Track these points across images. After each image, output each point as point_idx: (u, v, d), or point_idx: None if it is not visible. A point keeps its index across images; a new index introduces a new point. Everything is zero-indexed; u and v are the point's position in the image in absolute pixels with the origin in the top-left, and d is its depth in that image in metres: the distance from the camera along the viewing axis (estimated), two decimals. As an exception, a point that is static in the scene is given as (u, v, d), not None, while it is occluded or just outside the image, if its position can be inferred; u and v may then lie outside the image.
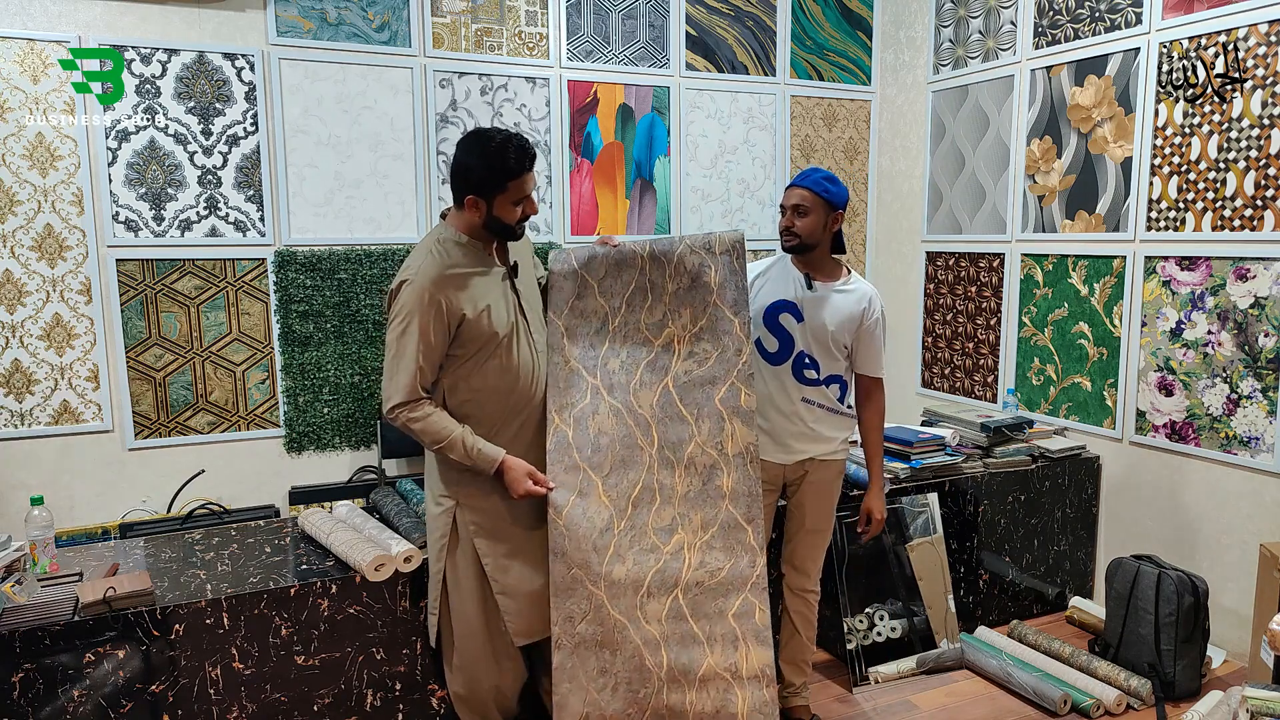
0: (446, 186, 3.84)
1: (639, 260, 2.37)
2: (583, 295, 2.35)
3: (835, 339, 2.51)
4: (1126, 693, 2.87)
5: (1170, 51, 3.26)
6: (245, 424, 3.63)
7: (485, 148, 2.14)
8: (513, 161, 2.13)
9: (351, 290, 3.70)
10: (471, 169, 2.15)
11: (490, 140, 2.14)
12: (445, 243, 2.21)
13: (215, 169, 3.49)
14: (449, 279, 2.15)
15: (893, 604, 3.13)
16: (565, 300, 2.36)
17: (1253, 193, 3.04)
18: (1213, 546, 3.22)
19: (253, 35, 3.48)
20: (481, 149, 2.14)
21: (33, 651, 2.03)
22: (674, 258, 2.35)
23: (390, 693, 2.42)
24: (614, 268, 2.37)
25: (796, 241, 2.50)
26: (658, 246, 2.37)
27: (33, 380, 3.32)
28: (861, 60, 4.64)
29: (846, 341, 2.54)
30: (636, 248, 2.38)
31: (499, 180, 2.14)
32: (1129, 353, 3.46)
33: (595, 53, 4.06)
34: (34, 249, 3.28)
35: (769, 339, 2.54)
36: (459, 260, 2.19)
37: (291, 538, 2.66)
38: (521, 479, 2.19)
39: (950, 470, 3.31)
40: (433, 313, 2.11)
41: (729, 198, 4.41)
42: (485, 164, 2.14)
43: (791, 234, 2.50)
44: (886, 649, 3.10)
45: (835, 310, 2.51)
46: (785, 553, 2.72)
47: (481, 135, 2.17)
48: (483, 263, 2.23)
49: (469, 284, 2.18)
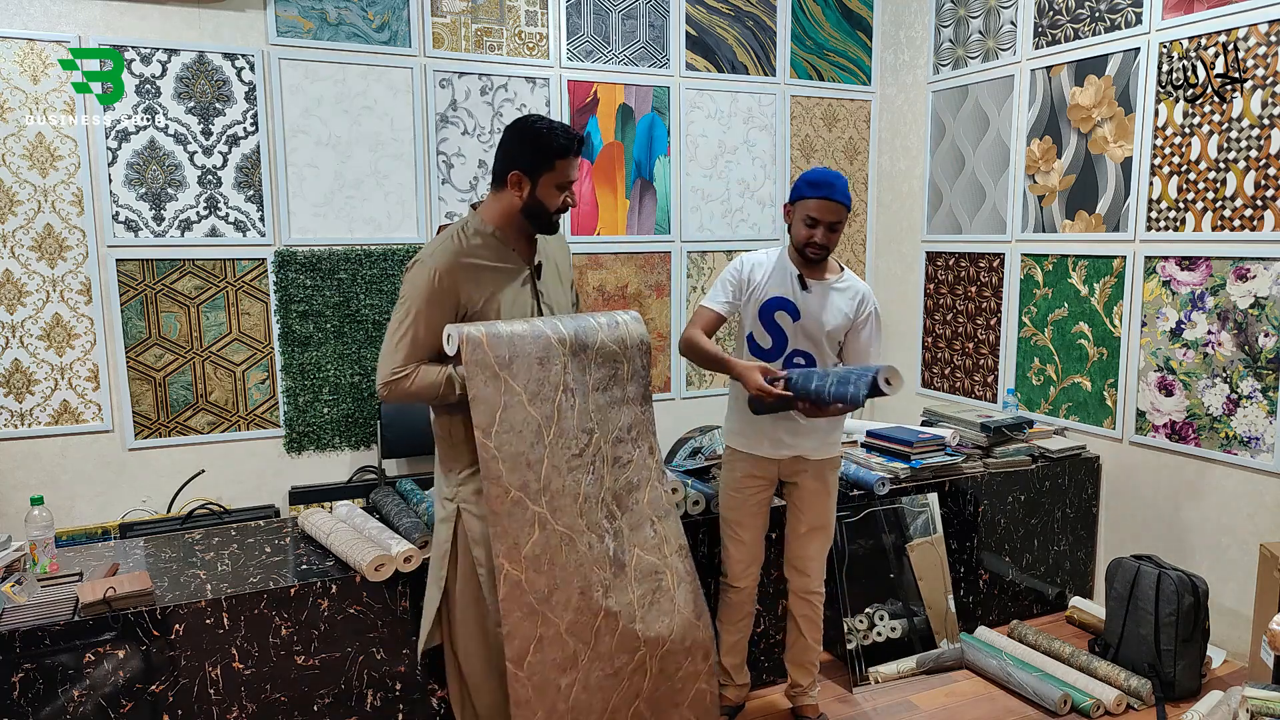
0: (447, 186, 3.85)
1: (560, 354, 2.15)
2: (509, 406, 2.09)
3: (831, 336, 2.52)
4: (1126, 693, 2.87)
5: (1170, 51, 3.26)
6: (245, 424, 3.63)
7: (535, 126, 2.15)
8: (562, 141, 2.13)
9: (351, 290, 3.70)
10: (520, 146, 2.14)
11: (540, 121, 2.16)
12: (468, 231, 2.18)
13: (215, 169, 3.49)
14: (461, 267, 2.13)
15: (893, 604, 3.13)
16: (492, 413, 2.07)
17: (1253, 193, 3.04)
18: (1213, 546, 3.22)
19: (253, 35, 3.48)
20: (533, 128, 2.15)
21: (33, 651, 2.03)
22: (593, 352, 2.22)
23: (390, 693, 2.42)
24: (538, 367, 2.12)
25: (824, 255, 2.50)
26: (578, 337, 2.20)
27: (33, 380, 3.32)
28: (861, 60, 4.64)
29: (840, 338, 2.55)
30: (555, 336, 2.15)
31: (547, 158, 2.12)
32: (1129, 353, 3.46)
33: (595, 53, 4.06)
34: (34, 249, 3.28)
35: (762, 335, 2.54)
36: (478, 251, 2.16)
37: (291, 538, 2.66)
38: None
39: (950, 470, 3.31)
40: (438, 297, 2.10)
41: (729, 198, 4.41)
42: (535, 141, 2.12)
43: (822, 248, 2.47)
44: (886, 649, 3.10)
45: (831, 307, 2.52)
46: (788, 555, 2.71)
47: (532, 117, 2.18)
48: (504, 258, 2.20)
49: (482, 276, 2.16)
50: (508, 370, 2.07)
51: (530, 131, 2.14)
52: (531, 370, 2.10)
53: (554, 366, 2.14)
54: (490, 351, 2.05)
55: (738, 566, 2.67)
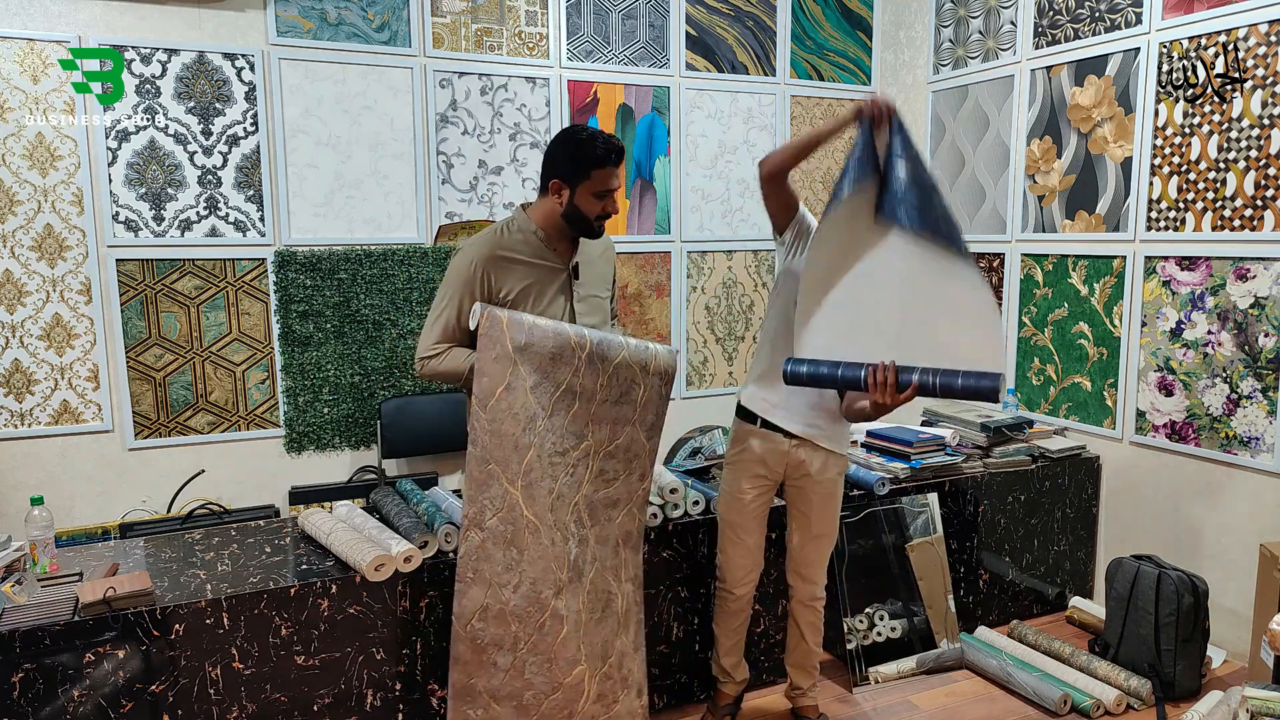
0: (447, 186, 3.85)
1: (577, 358, 2.17)
2: (512, 388, 2.12)
3: None
4: (1126, 693, 2.87)
5: (1170, 51, 3.26)
6: (245, 424, 3.63)
7: (576, 136, 2.25)
8: (600, 151, 2.21)
9: (351, 290, 3.70)
10: (560, 154, 2.25)
11: (582, 131, 2.26)
12: (511, 226, 2.30)
13: (215, 169, 3.49)
14: (498, 258, 2.25)
15: (893, 604, 3.13)
16: (493, 389, 2.11)
17: (1253, 193, 3.04)
18: (1213, 546, 3.22)
19: (253, 35, 3.48)
20: (573, 138, 2.25)
21: (33, 651, 2.03)
22: (610, 366, 2.23)
23: (390, 693, 2.42)
24: (549, 362, 2.15)
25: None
26: (600, 348, 2.22)
27: (33, 380, 3.32)
28: (861, 60, 4.64)
29: None
30: (576, 339, 2.18)
31: (585, 167, 2.21)
32: (1129, 353, 3.46)
33: (595, 53, 4.06)
34: (34, 249, 3.28)
35: None
36: (517, 245, 2.28)
37: (291, 538, 2.66)
38: None
39: (950, 470, 3.31)
40: (472, 284, 2.22)
41: (729, 198, 4.41)
42: (574, 151, 2.23)
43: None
44: (886, 649, 3.10)
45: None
46: (791, 562, 2.66)
47: (575, 127, 2.30)
48: (542, 255, 2.30)
49: (516, 269, 2.26)
50: (519, 353, 2.13)
51: (571, 141, 2.25)
52: (542, 362, 2.15)
53: (565, 366, 2.17)
54: (507, 331, 2.12)
55: (738, 572, 2.62)
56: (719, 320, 4.47)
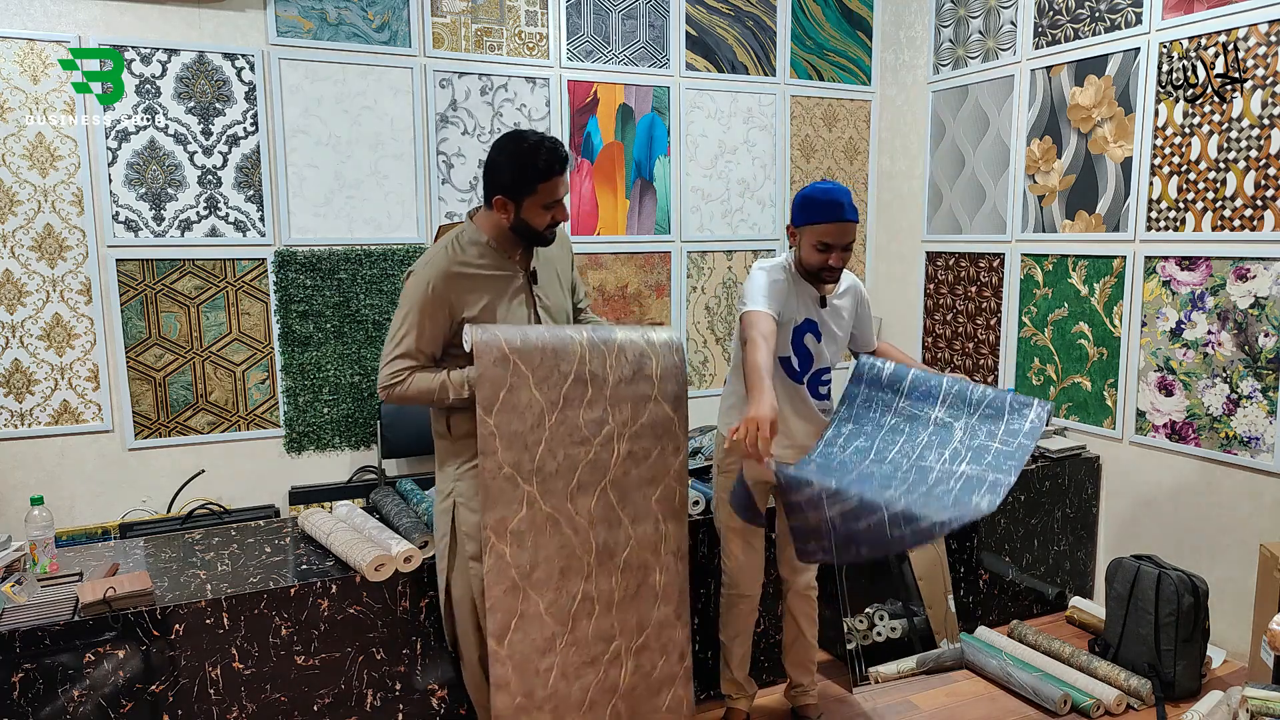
0: (447, 186, 3.85)
1: (577, 348, 2.19)
2: (515, 388, 2.12)
3: (843, 341, 2.61)
4: (1126, 693, 2.87)
5: (1170, 51, 3.26)
6: (245, 424, 3.63)
7: (518, 147, 2.12)
8: (543, 163, 2.10)
9: (351, 290, 3.70)
10: (502, 168, 2.12)
11: (523, 141, 2.12)
12: (463, 240, 2.20)
13: (215, 169, 3.49)
14: (455, 275, 2.15)
15: (893, 604, 3.13)
16: (495, 393, 2.10)
17: (1253, 193, 3.04)
18: (1213, 546, 3.22)
19: (253, 35, 3.48)
20: (514, 149, 2.12)
21: (33, 651, 2.03)
22: (615, 345, 2.24)
23: (390, 693, 2.42)
24: (551, 357, 2.16)
25: (837, 277, 2.48)
26: (595, 334, 2.24)
27: (33, 380, 3.32)
28: (861, 60, 4.64)
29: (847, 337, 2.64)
30: (572, 335, 2.21)
31: (529, 182, 2.11)
32: (1129, 353, 3.46)
33: (595, 53, 4.06)
34: (34, 249, 3.28)
35: (793, 357, 2.52)
36: (472, 259, 2.19)
37: (291, 538, 2.66)
38: None
39: (950, 470, 3.31)
40: (431, 306, 2.13)
41: (729, 198, 4.41)
42: (516, 164, 2.11)
43: (836, 272, 2.43)
44: (886, 649, 3.10)
45: (842, 316, 2.58)
46: (782, 554, 2.68)
47: (516, 136, 2.14)
48: (498, 265, 2.22)
49: (475, 283, 2.18)
50: (518, 353, 2.12)
51: (510, 152, 2.12)
52: (544, 356, 2.15)
53: (568, 357, 2.18)
54: (501, 335, 2.12)
55: (751, 573, 2.63)
56: (719, 320, 4.47)
